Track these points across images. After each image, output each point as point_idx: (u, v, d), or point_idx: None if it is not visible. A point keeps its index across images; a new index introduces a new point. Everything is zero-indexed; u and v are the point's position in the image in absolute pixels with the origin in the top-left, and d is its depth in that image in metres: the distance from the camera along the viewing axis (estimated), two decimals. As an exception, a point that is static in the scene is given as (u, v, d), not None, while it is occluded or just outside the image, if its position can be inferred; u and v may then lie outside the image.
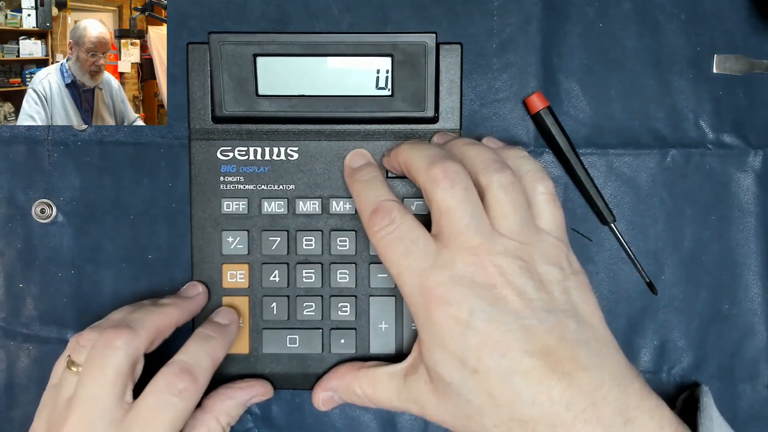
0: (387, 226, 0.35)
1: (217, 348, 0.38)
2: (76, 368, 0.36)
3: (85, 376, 0.35)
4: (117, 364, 0.35)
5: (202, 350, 0.37)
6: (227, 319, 0.40)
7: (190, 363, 0.36)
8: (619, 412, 0.31)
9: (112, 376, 0.35)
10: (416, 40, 0.40)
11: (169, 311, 0.38)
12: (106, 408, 0.34)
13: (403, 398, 0.36)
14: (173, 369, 0.36)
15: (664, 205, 0.44)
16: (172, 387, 0.35)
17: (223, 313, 0.41)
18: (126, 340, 0.35)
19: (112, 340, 0.35)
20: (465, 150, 0.36)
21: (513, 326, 0.32)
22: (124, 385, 0.35)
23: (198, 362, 0.36)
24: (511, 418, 0.32)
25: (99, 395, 0.34)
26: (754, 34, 0.44)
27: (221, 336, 0.39)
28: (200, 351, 0.37)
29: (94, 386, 0.35)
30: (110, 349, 0.35)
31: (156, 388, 0.35)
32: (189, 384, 0.35)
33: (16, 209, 0.44)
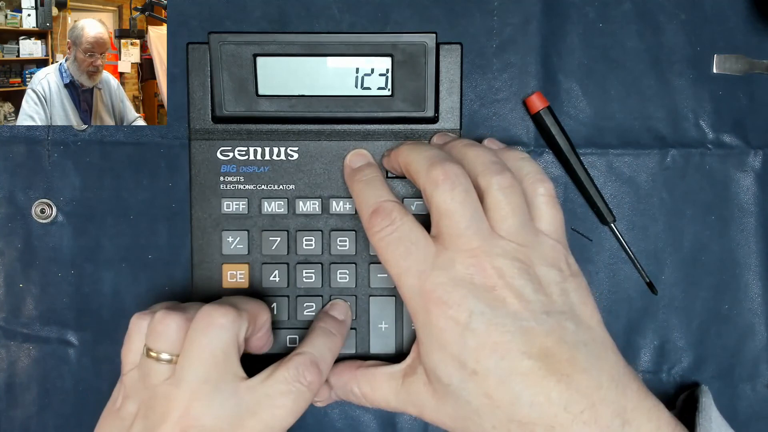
0: (387, 227, 0.35)
1: (337, 344, 0.38)
2: (156, 354, 0.34)
3: (190, 356, 0.34)
4: (224, 342, 0.34)
5: (326, 346, 0.37)
6: (343, 315, 0.41)
7: (318, 357, 0.36)
8: (617, 413, 0.31)
9: (221, 356, 0.34)
10: (416, 40, 0.40)
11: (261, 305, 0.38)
12: (220, 386, 0.34)
13: (401, 399, 0.36)
14: (304, 360, 0.35)
15: (664, 205, 0.44)
16: (302, 376, 0.35)
17: (339, 307, 0.41)
18: (230, 318, 0.34)
19: (216, 318, 0.34)
20: (465, 151, 0.36)
21: (512, 328, 0.32)
22: (233, 361, 0.34)
23: (323, 357, 0.36)
24: (510, 420, 0.32)
25: (210, 375, 0.34)
26: (754, 34, 0.44)
27: (339, 332, 0.39)
28: (325, 346, 0.37)
29: (203, 366, 0.34)
30: (215, 327, 0.34)
31: (287, 374, 0.35)
32: (316, 377, 0.35)
33: (16, 209, 0.44)
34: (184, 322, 0.35)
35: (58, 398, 0.44)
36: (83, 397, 0.44)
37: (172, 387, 0.34)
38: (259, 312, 0.37)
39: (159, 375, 0.34)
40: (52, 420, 0.44)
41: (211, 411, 0.33)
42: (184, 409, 0.33)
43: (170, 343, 0.34)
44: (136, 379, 0.35)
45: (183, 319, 0.35)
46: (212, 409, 0.33)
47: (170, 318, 0.35)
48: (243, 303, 0.37)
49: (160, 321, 0.35)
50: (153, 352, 0.35)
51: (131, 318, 0.36)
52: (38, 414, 0.44)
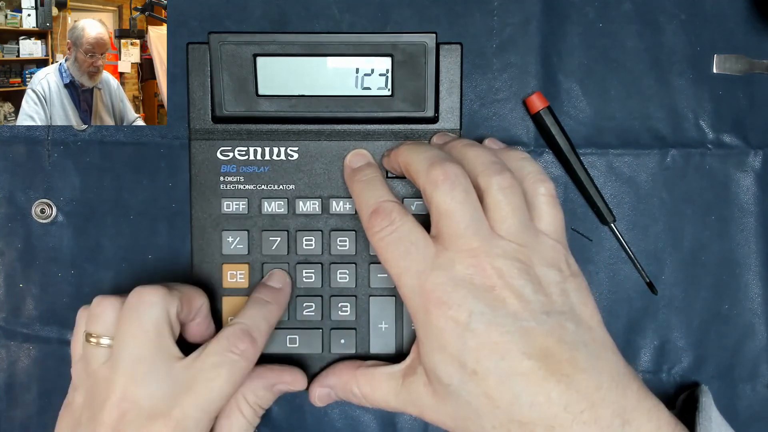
0: (387, 227, 0.35)
1: (273, 312, 0.39)
2: (96, 339, 0.35)
3: (124, 335, 0.35)
4: (155, 318, 0.35)
5: (260, 314, 0.38)
6: (280, 283, 0.41)
7: (250, 326, 0.36)
8: (617, 413, 0.31)
9: (153, 332, 0.34)
10: (416, 40, 0.40)
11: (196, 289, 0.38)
12: (155, 365, 0.34)
13: (401, 399, 0.36)
14: (234, 330, 0.36)
15: (664, 205, 0.44)
16: (234, 346, 0.35)
17: (276, 276, 0.41)
18: (161, 294, 0.35)
19: (146, 296, 0.35)
20: (465, 151, 0.36)
21: (512, 328, 0.32)
22: (167, 339, 0.35)
23: (256, 325, 0.37)
24: (510, 420, 0.32)
25: (144, 353, 0.34)
26: (754, 34, 0.44)
27: (276, 300, 0.39)
28: (258, 315, 0.38)
29: (136, 344, 0.34)
30: (146, 304, 0.35)
31: (218, 346, 0.35)
32: (249, 345, 0.36)
33: (16, 209, 0.44)
34: (118, 304, 0.36)
35: (58, 398, 0.44)
36: (83, 397, 0.44)
37: (109, 370, 0.34)
38: (193, 295, 0.38)
39: (98, 359, 0.35)
40: (52, 420, 0.44)
41: (147, 391, 0.34)
42: (122, 391, 0.34)
43: (106, 325, 0.35)
44: (81, 370, 0.36)
45: (118, 302, 0.36)
46: (148, 389, 0.34)
47: (106, 301, 0.36)
48: (177, 285, 0.37)
49: (97, 304, 0.36)
50: (92, 337, 0.35)
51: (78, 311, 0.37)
52: (38, 414, 0.44)
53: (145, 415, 0.33)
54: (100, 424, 0.34)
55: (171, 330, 0.35)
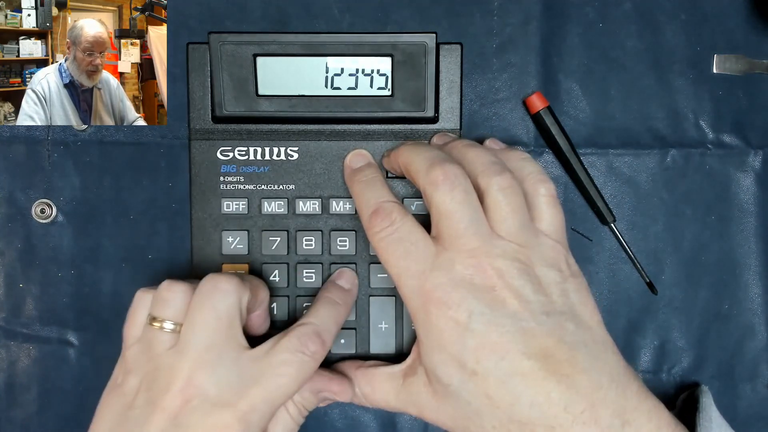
0: (387, 227, 0.35)
1: (342, 314, 0.38)
2: (161, 322, 0.34)
3: (195, 322, 0.34)
4: (229, 306, 0.34)
5: (331, 316, 0.37)
6: (349, 283, 0.40)
7: (321, 327, 0.36)
8: (617, 413, 0.31)
9: (225, 320, 0.34)
10: (416, 40, 0.40)
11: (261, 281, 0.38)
12: (224, 353, 0.34)
13: (401, 399, 0.36)
14: (307, 330, 0.35)
15: (664, 205, 0.44)
16: (306, 347, 0.35)
17: (345, 276, 0.41)
18: (234, 284, 0.35)
19: (220, 284, 0.34)
20: (465, 152, 0.36)
21: (511, 328, 0.32)
22: (237, 328, 0.34)
23: (327, 328, 0.36)
24: (510, 420, 0.32)
25: (215, 341, 0.34)
26: (754, 34, 0.44)
27: (345, 302, 0.39)
28: (329, 316, 0.37)
29: (207, 332, 0.34)
30: (220, 292, 0.34)
31: (289, 344, 0.35)
32: (319, 347, 0.35)
33: (16, 209, 0.44)
34: (189, 290, 0.35)
35: (58, 398, 0.44)
36: (83, 397, 0.44)
37: (175, 355, 0.34)
38: (260, 286, 0.37)
39: (162, 344, 0.34)
40: (52, 420, 0.44)
41: (215, 379, 0.33)
42: (187, 377, 0.33)
43: (175, 310, 0.35)
44: (139, 353, 0.35)
45: (189, 288, 0.35)
46: (216, 377, 0.33)
47: (176, 286, 0.35)
48: (245, 275, 0.37)
49: (167, 288, 0.35)
50: (157, 321, 0.34)
51: (136, 293, 0.36)
52: (38, 414, 0.44)
53: (211, 402, 0.33)
54: (161, 410, 0.33)
55: (241, 320, 0.35)
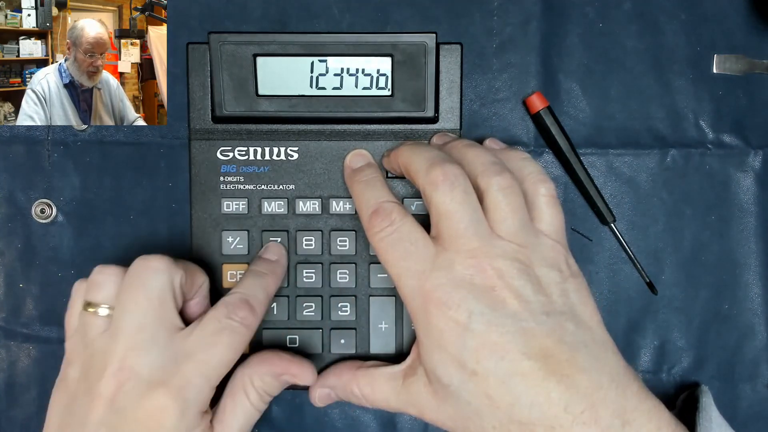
0: (387, 227, 0.35)
1: (270, 283, 0.39)
2: (94, 308, 0.35)
3: (126, 302, 0.34)
4: (160, 285, 0.34)
5: (258, 285, 0.37)
6: (276, 255, 0.40)
7: (248, 294, 0.36)
8: (618, 413, 0.31)
9: (156, 299, 0.34)
10: (416, 40, 0.40)
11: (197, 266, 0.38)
12: (157, 334, 0.34)
13: (401, 400, 0.36)
14: (233, 299, 0.36)
15: (664, 205, 0.44)
16: (233, 314, 0.35)
17: (271, 248, 0.41)
18: (165, 263, 0.35)
19: (151, 262, 0.34)
20: (464, 152, 0.36)
21: (511, 328, 0.32)
22: (170, 308, 0.34)
23: (254, 295, 0.37)
24: (510, 420, 0.32)
25: (146, 321, 0.34)
26: (754, 34, 0.44)
27: (272, 272, 0.39)
28: (255, 285, 0.37)
29: (139, 312, 0.34)
30: (151, 271, 0.34)
31: (217, 313, 0.35)
32: (248, 313, 0.35)
33: (16, 209, 0.44)
34: (121, 273, 0.35)
35: (58, 398, 0.44)
36: (83, 397, 0.44)
37: (108, 339, 0.34)
38: (196, 271, 0.37)
39: (97, 328, 0.34)
40: (52, 420, 0.44)
41: (147, 360, 0.33)
42: (120, 360, 0.33)
43: (107, 293, 0.35)
44: (76, 342, 0.35)
45: (120, 270, 0.35)
46: (148, 358, 0.33)
47: (108, 269, 0.35)
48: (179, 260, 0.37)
49: (99, 272, 0.35)
50: (91, 307, 0.35)
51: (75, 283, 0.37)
52: (38, 414, 0.44)
53: (144, 384, 0.33)
54: (97, 396, 0.33)
55: (174, 300, 0.35)
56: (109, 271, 0.35)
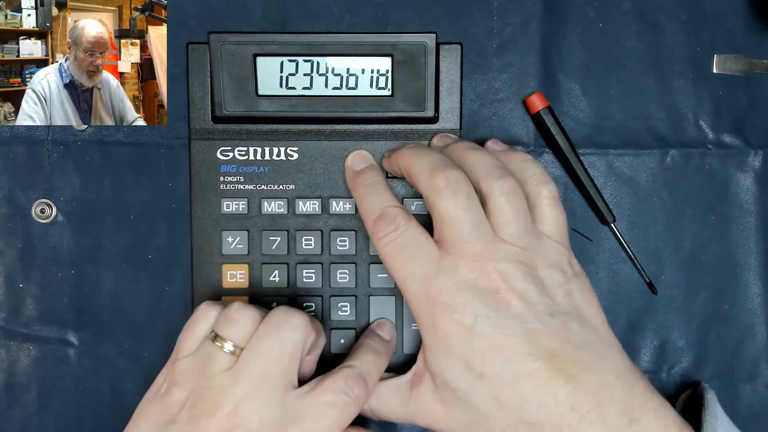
0: (391, 232, 0.35)
1: (383, 363, 0.38)
2: (222, 342, 0.34)
3: (259, 350, 0.33)
4: (294, 342, 0.34)
5: (374, 363, 0.37)
6: (389, 335, 0.40)
7: (365, 372, 0.35)
8: (624, 412, 0.32)
9: (288, 354, 0.33)
10: (416, 40, 0.40)
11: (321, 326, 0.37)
12: (276, 387, 0.33)
13: (409, 410, 0.36)
14: (353, 373, 0.35)
15: (664, 205, 0.44)
16: (350, 389, 0.34)
17: (386, 327, 0.40)
18: (305, 321, 0.34)
19: (292, 317, 0.34)
20: (465, 155, 0.36)
21: (517, 330, 0.32)
22: (295, 366, 0.34)
23: (370, 373, 0.36)
24: (518, 421, 0.32)
25: (273, 371, 0.33)
26: (754, 34, 0.44)
27: (386, 352, 0.38)
28: (372, 363, 0.36)
29: (268, 363, 0.33)
30: (290, 326, 0.34)
31: (335, 385, 0.34)
32: (363, 391, 0.34)
33: (16, 209, 0.43)
34: (259, 317, 0.34)
35: (58, 398, 0.44)
36: (83, 397, 0.44)
37: (229, 379, 0.33)
38: (321, 331, 0.37)
39: (219, 364, 0.33)
40: (52, 420, 0.44)
41: (261, 412, 0.32)
42: (236, 405, 0.32)
43: (241, 333, 0.34)
44: (191, 366, 0.34)
45: (259, 314, 0.34)
46: (262, 410, 0.32)
47: (248, 310, 0.34)
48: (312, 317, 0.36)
49: (238, 310, 0.34)
50: (219, 340, 0.34)
51: (201, 305, 0.36)
52: (38, 414, 0.44)
53: None
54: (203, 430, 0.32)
55: (301, 358, 0.34)
56: (247, 313, 0.34)
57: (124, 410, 0.37)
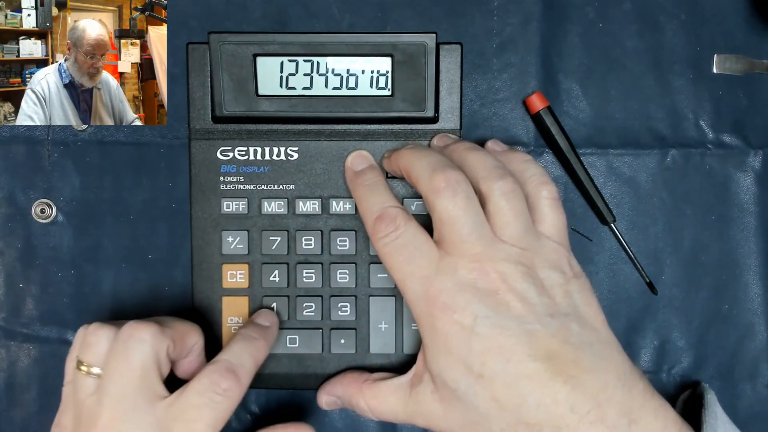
0: (391, 232, 0.35)
1: (260, 350, 0.38)
2: (86, 368, 0.35)
3: (111, 371, 0.34)
4: (143, 356, 0.34)
5: (246, 351, 0.37)
6: (268, 321, 0.40)
7: (235, 363, 0.35)
8: (624, 412, 0.32)
9: (138, 370, 0.34)
10: (416, 40, 0.40)
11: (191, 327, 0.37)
12: (138, 404, 0.33)
13: (408, 411, 0.36)
14: (218, 367, 0.35)
15: (664, 205, 0.44)
16: (216, 385, 0.34)
17: (264, 314, 0.40)
18: (152, 333, 0.34)
19: (137, 331, 0.34)
20: (465, 155, 0.36)
21: (517, 331, 0.32)
22: (153, 379, 0.34)
23: (242, 363, 0.36)
24: (518, 422, 0.32)
25: (128, 391, 0.34)
26: (754, 34, 0.44)
27: (264, 338, 0.38)
28: (244, 352, 0.36)
29: (122, 381, 0.34)
30: (135, 341, 0.34)
31: (200, 385, 0.34)
32: (233, 383, 0.34)
33: (16, 209, 0.44)
34: (113, 335, 0.35)
35: (58, 398, 0.44)
36: (83, 397, 0.44)
37: (95, 404, 0.34)
38: (187, 333, 0.37)
39: (86, 389, 0.35)
40: (52, 420, 0.44)
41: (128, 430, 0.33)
42: (105, 426, 0.33)
43: (96, 356, 0.35)
44: (68, 393, 0.36)
45: (113, 333, 0.35)
46: (129, 428, 0.33)
47: (101, 330, 0.35)
48: (171, 322, 0.36)
49: (93, 333, 0.35)
50: (83, 366, 0.35)
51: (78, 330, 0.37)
52: (38, 414, 0.44)
53: None
54: None
55: (158, 369, 0.35)
56: (101, 332, 0.35)
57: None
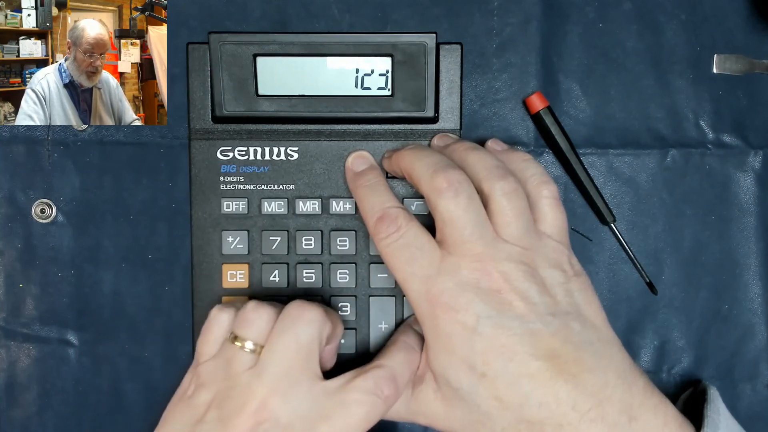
0: (393, 233, 0.35)
1: (417, 360, 0.37)
2: (242, 343, 0.34)
3: (277, 346, 0.34)
4: (310, 336, 0.34)
5: (407, 362, 0.36)
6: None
7: (397, 372, 0.35)
8: (624, 410, 0.32)
9: (306, 349, 0.34)
10: (416, 40, 0.40)
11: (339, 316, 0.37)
12: (300, 381, 0.33)
13: (411, 410, 0.36)
14: (384, 373, 0.34)
15: (664, 205, 0.44)
16: (380, 389, 0.34)
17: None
18: (319, 314, 0.34)
19: (306, 312, 0.34)
20: (466, 155, 0.36)
21: (518, 331, 0.32)
22: (314, 359, 0.34)
23: (402, 372, 0.35)
24: (520, 421, 0.32)
25: (291, 368, 0.33)
26: (754, 34, 0.44)
27: (421, 347, 0.38)
28: (405, 363, 0.36)
29: (287, 358, 0.33)
30: (305, 321, 0.34)
31: (365, 384, 0.34)
32: (393, 392, 0.34)
33: (16, 209, 0.43)
34: (274, 314, 0.35)
35: (58, 398, 0.44)
36: (83, 397, 0.44)
37: (253, 377, 0.33)
38: (338, 320, 0.37)
39: (242, 364, 0.34)
40: (52, 420, 0.44)
41: (288, 407, 0.33)
42: (262, 401, 0.33)
43: (258, 332, 0.34)
44: (215, 369, 0.34)
45: (274, 311, 0.35)
46: (289, 404, 0.33)
47: (262, 308, 0.35)
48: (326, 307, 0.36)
49: (253, 309, 0.35)
50: (239, 341, 0.34)
51: (212, 309, 0.36)
52: (38, 414, 0.44)
53: (281, 429, 0.32)
54: (231, 428, 0.32)
55: (319, 351, 0.35)
56: (263, 311, 0.35)
57: (124, 410, 0.37)
